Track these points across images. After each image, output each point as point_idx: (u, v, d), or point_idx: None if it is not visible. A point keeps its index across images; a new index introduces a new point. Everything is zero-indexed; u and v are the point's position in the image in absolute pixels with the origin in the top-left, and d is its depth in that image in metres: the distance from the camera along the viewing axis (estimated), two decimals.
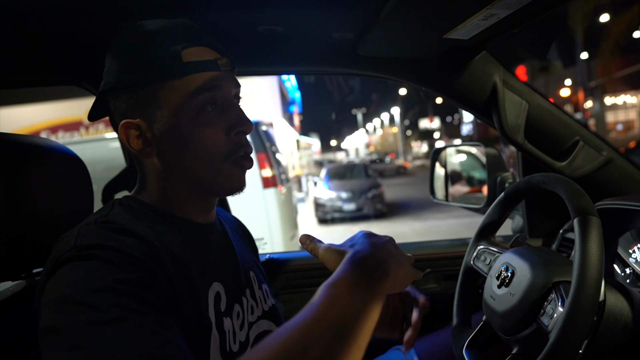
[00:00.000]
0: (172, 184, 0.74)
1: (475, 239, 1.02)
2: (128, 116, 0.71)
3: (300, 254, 1.56)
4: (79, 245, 0.58)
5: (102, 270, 0.55)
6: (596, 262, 0.65)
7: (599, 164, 1.19)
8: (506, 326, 0.78)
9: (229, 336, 0.74)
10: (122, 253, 0.58)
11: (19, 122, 7.08)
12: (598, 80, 21.00)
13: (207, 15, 0.96)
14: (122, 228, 0.63)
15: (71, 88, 1.22)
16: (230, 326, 0.76)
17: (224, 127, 0.73)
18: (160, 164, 0.73)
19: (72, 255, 0.57)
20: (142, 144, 0.72)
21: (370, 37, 1.05)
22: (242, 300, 0.82)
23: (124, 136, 0.71)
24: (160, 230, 0.70)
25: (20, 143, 0.82)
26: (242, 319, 0.80)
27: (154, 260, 0.62)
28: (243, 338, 0.79)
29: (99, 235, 0.60)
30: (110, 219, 0.67)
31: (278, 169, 4.82)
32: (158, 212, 0.73)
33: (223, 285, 0.77)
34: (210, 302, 0.72)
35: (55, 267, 0.57)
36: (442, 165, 1.79)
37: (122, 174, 1.27)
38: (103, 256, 0.57)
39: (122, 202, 0.73)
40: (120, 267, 0.56)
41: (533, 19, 0.97)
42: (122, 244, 0.59)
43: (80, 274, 0.55)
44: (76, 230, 0.62)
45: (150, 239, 0.64)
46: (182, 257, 0.69)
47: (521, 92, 1.17)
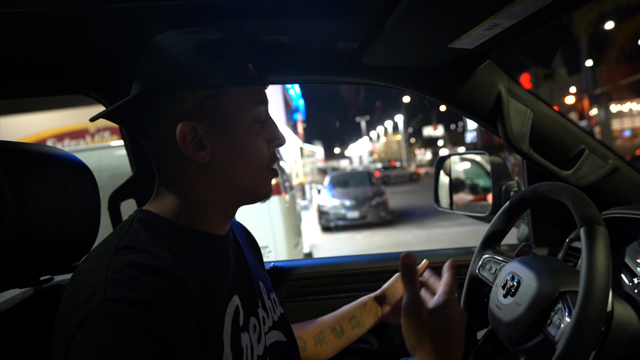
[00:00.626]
0: (208, 193, 0.74)
1: (481, 247, 1.01)
2: (186, 118, 0.70)
3: (304, 262, 1.56)
4: (109, 298, 0.56)
5: (136, 342, 0.54)
6: (603, 272, 0.65)
7: (605, 173, 1.18)
8: (512, 336, 0.78)
9: (246, 352, 0.73)
10: (153, 309, 0.57)
11: (25, 130, 7.13)
12: (603, 88, 20.96)
13: (212, 25, 0.97)
14: (148, 266, 0.61)
15: (77, 96, 1.23)
16: (248, 341, 0.75)
17: (266, 139, 0.78)
18: (204, 170, 0.73)
19: (102, 313, 0.55)
20: (196, 147, 0.71)
21: (374, 47, 1.06)
22: (258, 312, 0.82)
23: (180, 137, 0.69)
24: (183, 253, 0.68)
25: (28, 152, 0.82)
26: (258, 331, 0.80)
27: (184, 302, 0.61)
28: (261, 352, 0.79)
29: (128, 284, 0.58)
30: (132, 243, 0.65)
31: (282, 177, 4.82)
32: (177, 227, 0.72)
33: (240, 298, 0.77)
34: (228, 319, 0.71)
35: (84, 320, 0.55)
36: (447, 174, 1.79)
37: (128, 182, 1.28)
38: (136, 320, 0.55)
39: (142, 219, 0.71)
40: (151, 335, 0.55)
41: (537, 28, 0.97)
42: (152, 294, 0.58)
43: (114, 344, 0.53)
44: (102, 275, 0.59)
45: (177, 272, 0.63)
46: (206, 283, 0.68)
47: (526, 100, 1.17)
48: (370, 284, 1.47)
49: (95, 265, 0.62)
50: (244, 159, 0.74)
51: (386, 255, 1.55)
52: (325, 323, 1.11)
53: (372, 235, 9.53)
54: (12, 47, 1.02)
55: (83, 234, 0.92)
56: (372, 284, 1.46)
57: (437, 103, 1.29)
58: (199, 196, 0.74)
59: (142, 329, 0.55)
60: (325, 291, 1.45)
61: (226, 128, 0.72)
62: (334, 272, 1.47)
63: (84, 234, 0.92)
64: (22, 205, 0.75)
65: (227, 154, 0.73)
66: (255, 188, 0.78)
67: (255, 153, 0.76)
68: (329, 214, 10.49)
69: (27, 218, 0.76)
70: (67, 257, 0.91)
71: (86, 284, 0.59)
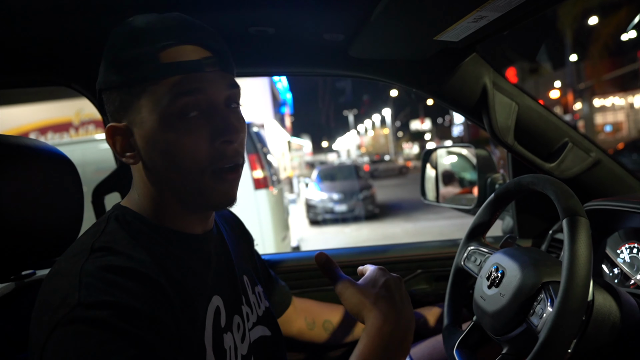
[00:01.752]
0: (161, 195, 0.70)
1: (466, 239, 1.02)
2: (115, 119, 0.68)
3: (291, 255, 1.56)
4: (83, 302, 0.53)
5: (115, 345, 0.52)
6: (585, 263, 0.66)
7: (588, 165, 1.20)
8: (496, 326, 0.79)
9: (229, 354, 0.71)
10: (130, 311, 0.55)
11: (7, 123, 7.00)
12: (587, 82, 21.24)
13: (197, 16, 0.96)
14: (125, 268, 0.59)
15: (60, 89, 1.21)
16: (232, 341, 0.73)
17: (207, 135, 0.66)
18: (146, 173, 0.69)
19: (77, 317, 0.53)
20: (127, 150, 0.68)
21: (361, 39, 1.06)
22: (242, 309, 0.80)
23: (109, 140, 0.68)
24: (160, 254, 0.66)
25: (8, 144, 0.81)
26: (242, 330, 0.78)
27: (161, 305, 0.59)
28: (245, 351, 0.77)
29: (103, 288, 0.55)
30: (108, 244, 0.63)
31: (269, 171, 4.81)
32: (153, 226, 0.70)
33: (222, 298, 0.74)
34: (209, 321, 0.69)
35: (56, 325, 0.53)
36: (433, 167, 1.80)
37: (112, 175, 1.26)
38: (111, 323, 0.53)
39: (118, 217, 0.69)
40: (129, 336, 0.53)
41: (522, 21, 0.98)
42: (128, 297, 0.56)
43: (90, 349, 0.51)
44: (76, 278, 0.56)
45: (153, 275, 0.61)
46: (183, 284, 0.66)
47: (511, 93, 1.18)
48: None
49: (70, 267, 0.59)
50: (173, 162, 0.65)
51: (372, 248, 1.56)
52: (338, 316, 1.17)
53: (359, 228, 9.57)
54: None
55: (65, 228, 0.91)
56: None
57: (424, 96, 1.29)
58: (157, 197, 0.70)
59: (120, 332, 0.53)
60: (313, 284, 1.45)
61: (147, 128, 0.65)
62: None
63: (66, 227, 0.91)
64: (2, 198, 0.74)
65: (154, 157, 0.66)
66: (201, 195, 0.68)
67: (184, 155, 0.65)
68: (317, 207, 10.50)
69: (7, 211, 0.75)
70: (50, 251, 0.89)
71: (59, 287, 0.57)
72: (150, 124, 0.65)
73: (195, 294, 0.68)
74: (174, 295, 0.63)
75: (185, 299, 0.65)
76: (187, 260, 0.71)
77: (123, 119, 0.67)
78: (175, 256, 0.69)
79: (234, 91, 0.70)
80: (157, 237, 0.69)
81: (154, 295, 0.59)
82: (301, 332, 1.15)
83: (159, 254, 0.66)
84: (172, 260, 0.68)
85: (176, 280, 0.65)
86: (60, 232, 0.89)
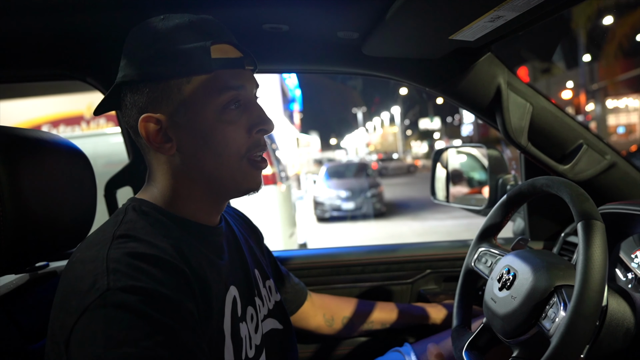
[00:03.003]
0: (187, 184, 0.73)
1: (477, 240, 1.01)
2: (149, 110, 0.69)
3: (299, 252, 1.56)
4: (112, 287, 0.55)
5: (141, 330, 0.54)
6: (600, 267, 0.65)
7: (603, 168, 1.18)
8: (507, 329, 0.78)
9: (245, 342, 0.73)
10: (157, 298, 0.57)
11: (20, 115, 7.07)
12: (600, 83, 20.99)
13: (211, 13, 0.96)
14: (149, 255, 0.61)
15: (73, 82, 1.22)
16: (246, 331, 0.75)
17: (245, 126, 0.73)
18: (177, 161, 0.72)
19: (107, 301, 0.55)
20: (162, 140, 0.70)
21: (375, 37, 1.05)
22: (255, 300, 0.82)
23: (143, 130, 0.69)
24: (178, 242, 0.68)
25: (23, 137, 0.82)
26: (255, 321, 0.80)
27: (185, 292, 0.61)
28: (258, 341, 0.79)
29: (130, 274, 0.57)
30: (129, 231, 0.65)
31: (278, 167, 4.81)
32: (171, 216, 0.72)
33: (237, 288, 0.77)
34: (227, 310, 0.71)
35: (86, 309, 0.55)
36: (444, 166, 1.79)
37: (125, 170, 1.27)
38: (139, 308, 0.55)
39: (136, 207, 0.71)
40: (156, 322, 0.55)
41: (540, 21, 0.97)
42: (154, 283, 0.58)
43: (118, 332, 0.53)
44: (103, 264, 0.58)
45: (176, 262, 0.63)
46: (202, 273, 0.68)
47: (525, 94, 1.17)
48: (365, 275, 1.47)
49: (94, 253, 0.61)
50: (213, 149, 0.70)
51: (381, 247, 1.55)
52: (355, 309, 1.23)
53: (367, 226, 9.55)
54: (9, 31, 1.01)
55: (79, 221, 0.92)
56: (367, 274, 1.47)
57: (437, 95, 1.28)
58: (180, 187, 0.73)
59: (148, 317, 0.55)
60: (320, 282, 1.46)
61: (190, 118, 0.69)
62: (329, 262, 1.47)
63: (80, 220, 0.92)
64: (18, 190, 0.75)
65: (193, 145, 0.70)
66: (233, 181, 0.73)
67: (226, 143, 0.70)
68: (325, 204, 10.50)
69: (23, 203, 0.75)
70: (63, 243, 0.90)
71: (86, 272, 0.58)
72: (195, 114, 0.69)
73: (212, 282, 0.70)
74: (194, 282, 0.64)
75: (204, 287, 0.67)
76: (203, 250, 0.72)
77: (158, 110, 0.69)
78: (192, 245, 0.70)
79: (258, 88, 0.78)
80: (174, 226, 0.70)
81: (178, 282, 0.61)
82: (319, 328, 1.19)
83: (176, 242, 0.68)
84: (188, 248, 0.69)
85: (195, 268, 0.67)
86: (74, 224, 0.90)
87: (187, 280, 0.63)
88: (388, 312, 1.27)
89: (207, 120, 0.69)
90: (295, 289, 1.13)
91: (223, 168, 0.72)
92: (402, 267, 1.48)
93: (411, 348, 1.14)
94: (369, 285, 1.47)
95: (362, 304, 1.27)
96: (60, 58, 1.15)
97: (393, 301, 1.46)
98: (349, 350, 1.37)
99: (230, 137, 0.71)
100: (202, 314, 0.64)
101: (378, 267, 1.48)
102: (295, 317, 1.12)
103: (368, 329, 1.26)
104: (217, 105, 0.69)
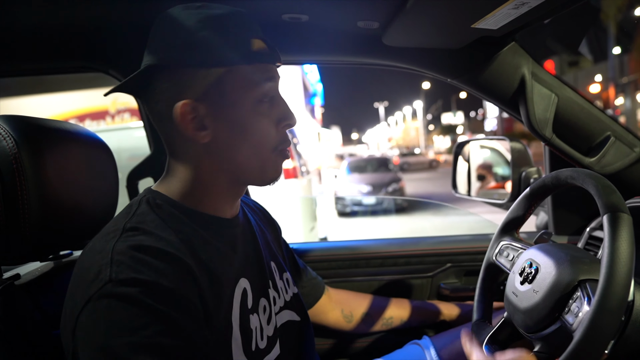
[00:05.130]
0: (213, 173, 0.73)
1: (499, 234, 1.00)
2: (186, 96, 0.68)
3: (319, 245, 1.56)
4: (114, 279, 0.57)
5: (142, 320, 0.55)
6: (626, 260, 0.63)
7: (631, 161, 1.15)
8: (528, 323, 0.77)
9: (255, 334, 0.74)
10: (158, 289, 0.58)
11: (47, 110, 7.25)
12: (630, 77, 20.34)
13: (232, 2, 0.96)
14: (153, 248, 0.62)
15: (99, 77, 1.23)
16: (258, 323, 0.76)
17: (274, 119, 0.74)
18: (209, 150, 0.71)
19: (108, 292, 0.56)
20: (198, 127, 0.70)
21: (396, 27, 1.03)
22: (269, 292, 0.83)
23: (179, 117, 0.68)
24: (188, 235, 0.69)
25: (48, 127, 0.83)
26: (268, 312, 0.81)
27: (188, 284, 0.62)
28: (271, 332, 0.79)
29: (132, 266, 0.59)
30: (139, 224, 0.66)
31: (299, 161, 4.82)
32: (183, 209, 0.72)
33: (249, 280, 0.77)
34: (236, 302, 0.72)
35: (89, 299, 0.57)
36: (465, 160, 1.76)
37: (146, 161, 1.29)
38: (140, 299, 0.56)
39: (150, 200, 0.71)
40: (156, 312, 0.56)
41: (565, 8, 0.94)
42: (156, 275, 0.59)
43: (119, 322, 0.55)
44: (108, 256, 0.60)
45: (181, 255, 0.64)
46: (211, 265, 0.69)
47: (551, 85, 1.14)
48: (384, 268, 1.46)
49: (103, 244, 0.63)
50: (248, 140, 0.71)
51: (401, 240, 1.54)
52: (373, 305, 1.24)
53: (387, 221, 9.50)
54: (32, 24, 1.03)
55: (101, 211, 0.93)
56: (386, 268, 1.46)
57: (459, 87, 1.26)
58: (203, 177, 0.73)
59: (148, 308, 0.56)
60: (340, 274, 1.45)
61: (228, 107, 0.70)
62: (349, 255, 1.47)
63: (102, 210, 0.94)
64: (42, 180, 0.76)
65: (229, 134, 0.71)
66: (261, 170, 0.75)
67: (261, 134, 0.72)
68: (345, 199, 10.48)
69: (47, 193, 0.77)
70: (86, 233, 0.92)
71: (92, 263, 0.61)
72: (233, 105, 0.70)
73: (221, 274, 0.70)
74: (200, 274, 0.65)
75: (212, 278, 0.68)
76: (214, 242, 0.73)
77: (196, 97, 0.69)
78: (203, 238, 0.71)
79: None
80: (185, 219, 0.71)
81: (180, 274, 0.62)
82: (338, 323, 1.20)
83: (187, 235, 0.69)
84: (199, 242, 0.70)
85: (203, 260, 0.68)
86: (96, 214, 0.92)
87: (190, 273, 0.63)
88: (406, 309, 1.26)
89: (244, 111, 0.71)
90: (312, 282, 1.13)
91: (255, 158, 0.73)
92: (422, 260, 1.46)
93: (430, 341, 1.13)
94: (388, 278, 1.46)
95: (380, 300, 1.26)
96: (83, 50, 1.17)
97: (412, 295, 1.44)
98: (367, 343, 1.37)
99: (264, 129, 0.73)
100: (209, 306, 0.65)
101: (398, 260, 1.46)
102: (312, 311, 1.12)
103: (387, 325, 1.25)
104: (253, 97, 0.71)
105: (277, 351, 0.80)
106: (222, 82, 0.69)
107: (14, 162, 0.73)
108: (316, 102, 21.06)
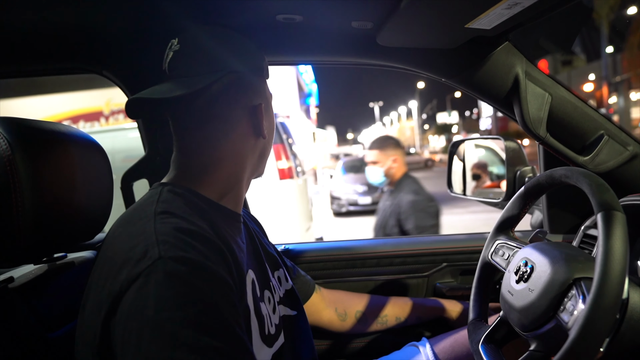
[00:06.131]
0: (249, 169, 0.83)
1: (494, 233, 1.00)
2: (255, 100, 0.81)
3: (315, 245, 1.56)
4: (164, 256, 0.58)
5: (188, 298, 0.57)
6: (620, 258, 0.63)
7: (625, 159, 1.15)
8: (524, 322, 0.77)
9: (267, 320, 0.78)
10: (204, 270, 0.60)
11: (41, 111, 7.21)
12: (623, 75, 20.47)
13: (227, 3, 0.96)
14: (192, 231, 0.64)
15: (91, 78, 1.23)
16: (266, 311, 0.80)
17: None
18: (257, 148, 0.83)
19: (159, 268, 0.57)
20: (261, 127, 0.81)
21: (390, 27, 1.04)
22: (270, 285, 0.88)
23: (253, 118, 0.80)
24: (212, 222, 0.71)
25: (42, 129, 0.83)
26: (272, 303, 0.86)
27: (225, 267, 0.65)
28: (277, 321, 0.84)
29: (179, 245, 0.61)
30: (168, 209, 0.68)
31: (294, 161, 4.82)
32: (205, 200, 0.75)
33: (254, 272, 0.81)
34: (249, 289, 0.75)
35: (137, 276, 0.57)
36: (460, 159, 1.77)
37: (141, 162, 1.28)
38: (187, 277, 0.58)
39: (170, 190, 0.73)
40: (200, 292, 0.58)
41: (558, 8, 0.94)
42: (201, 256, 0.61)
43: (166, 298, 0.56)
44: (152, 236, 0.61)
45: (214, 239, 0.66)
46: (233, 252, 0.71)
47: (544, 84, 1.14)
48: (380, 268, 1.46)
49: (140, 228, 0.64)
50: (272, 134, 0.87)
51: (397, 240, 1.54)
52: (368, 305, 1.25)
53: None
54: (24, 25, 1.02)
55: (96, 213, 0.93)
56: (382, 267, 1.46)
57: (453, 86, 1.26)
58: (240, 173, 0.81)
59: (195, 287, 0.57)
60: (336, 274, 1.45)
61: (269, 109, 0.85)
62: (344, 255, 1.47)
63: (97, 212, 0.93)
64: (36, 182, 0.76)
65: (270, 132, 0.86)
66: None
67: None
68: (341, 199, 10.50)
69: (41, 195, 0.77)
70: (80, 235, 0.92)
71: (136, 244, 0.61)
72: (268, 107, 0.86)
73: (240, 262, 0.73)
74: (231, 262, 0.68)
75: (236, 264, 0.70)
76: (230, 233, 0.76)
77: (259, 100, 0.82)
78: (222, 227, 0.74)
79: None
80: (206, 207, 0.74)
81: (218, 257, 0.65)
82: (332, 322, 1.21)
83: (210, 222, 0.71)
84: (221, 229, 0.73)
85: (228, 246, 0.70)
86: (91, 216, 0.91)
87: (225, 257, 0.66)
88: (402, 307, 1.27)
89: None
90: (302, 280, 1.16)
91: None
92: (418, 260, 1.47)
93: (429, 342, 1.13)
94: (384, 278, 1.46)
95: (375, 299, 1.27)
96: (77, 51, 1.17)
97: (408, 295, 1.45)
98: (365, 343, 1.37)
99: None
100: (237, 289, 0.67)
101: (394, 260, 1.47)
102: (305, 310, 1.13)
103: (382, 324, 1.25)
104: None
105: (282, 339, 0.84)
106: (267, 89, 0.86)
107: (8, 164, 0.72)
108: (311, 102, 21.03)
